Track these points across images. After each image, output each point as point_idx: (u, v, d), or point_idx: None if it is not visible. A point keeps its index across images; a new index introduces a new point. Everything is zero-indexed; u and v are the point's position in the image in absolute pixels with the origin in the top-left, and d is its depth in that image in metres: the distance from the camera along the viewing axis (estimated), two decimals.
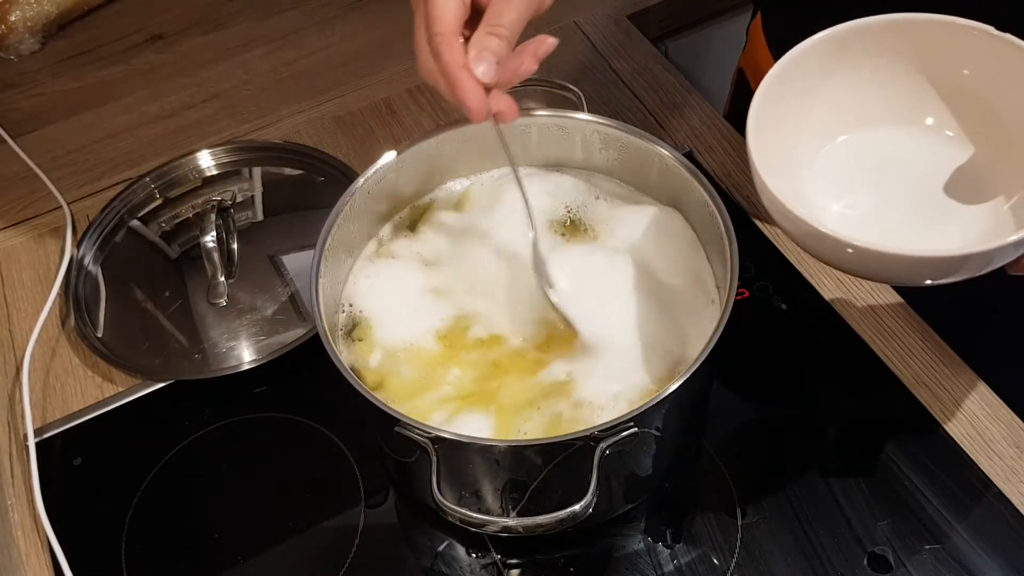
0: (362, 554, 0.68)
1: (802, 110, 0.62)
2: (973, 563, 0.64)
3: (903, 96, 0.62)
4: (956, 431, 0.70)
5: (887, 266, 0.54)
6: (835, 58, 0.61)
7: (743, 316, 0.76)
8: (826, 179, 0.63)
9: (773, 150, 0.58)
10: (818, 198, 0.62)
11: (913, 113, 0.63)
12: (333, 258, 0.67)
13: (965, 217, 0.60)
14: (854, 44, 0.60)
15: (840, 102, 0.63)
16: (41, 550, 0.70)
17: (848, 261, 0.55)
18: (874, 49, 0.61)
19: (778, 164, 0.59)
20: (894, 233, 0.60)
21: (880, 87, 0.62)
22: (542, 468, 0.59)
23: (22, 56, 1.07)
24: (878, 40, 0.61)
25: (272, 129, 0.97)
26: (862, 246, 0.52)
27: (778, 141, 0.60)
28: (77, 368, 0.80)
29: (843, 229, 0.54)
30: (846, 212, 0.62)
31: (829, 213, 0.62)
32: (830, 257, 0.56)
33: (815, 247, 0.56)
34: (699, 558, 0.66)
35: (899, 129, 0.64)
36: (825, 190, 0.63)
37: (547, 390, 0.63)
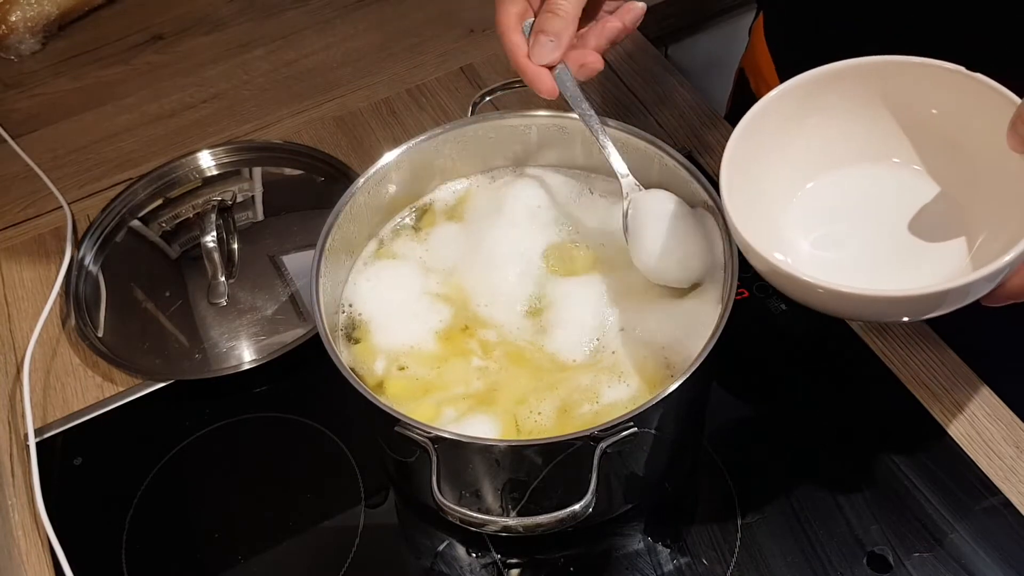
0: (362, 554, 0.68)
1: (776, 153, 0.62)
2: (972, 563, 0.64)
3: (874, 137, 0.63)
4: (956, 431, 0.70)
5: (860, 306, 0.55)
6: (807, 102, 0.61)
7: (743, 316, 0.76)
8: (800, 220, 0.64)
9: (748, 194, 0.59)
10: (792, 239, 0.63)
11: (883, 153, 0.63)
12: (333, 258, 0.67)
13: (937, 253, 0.60)
14: (826, 88, 0.61)
15: (813, 144, 0.64)
16: (41, 550, 0.70)
17: (822, 302, 0.55)
18: (846, 92, 0.61)
19: (754, 209, 0.59)
20: (867, 272, 0.60)
21: (853, 128, 0.63)
22: (542, 468, 0.59)
23: (22, 56, 1.07)
24: (849, 83, 0.61)
25: (272, 129, 0.97)
26: (833, 289, 0.53)
27: (753, 185, 0.61)
28: (77, 368, 0.80)
29: (817, 271, 0.55)
30: (818, 253, 0.62)
31: (802, 253, 0.62)
32: (805, 298, 0.56)
33: (789, 289, 0.56)
34: (699, 558, 0.66)
35: (870, 169, 0.64)
36: (799, 231, 0.63)
37: (549, 387, 0.64)
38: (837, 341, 0.75)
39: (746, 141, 0.60)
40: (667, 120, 0.93)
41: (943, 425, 0.70)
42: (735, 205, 0.57)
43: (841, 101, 0.62)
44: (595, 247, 0.71)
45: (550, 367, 0.65)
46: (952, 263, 0.59)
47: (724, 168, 0.58)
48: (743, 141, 0.60)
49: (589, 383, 0.63)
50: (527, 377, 0.64)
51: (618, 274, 0.69)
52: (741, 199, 0.58)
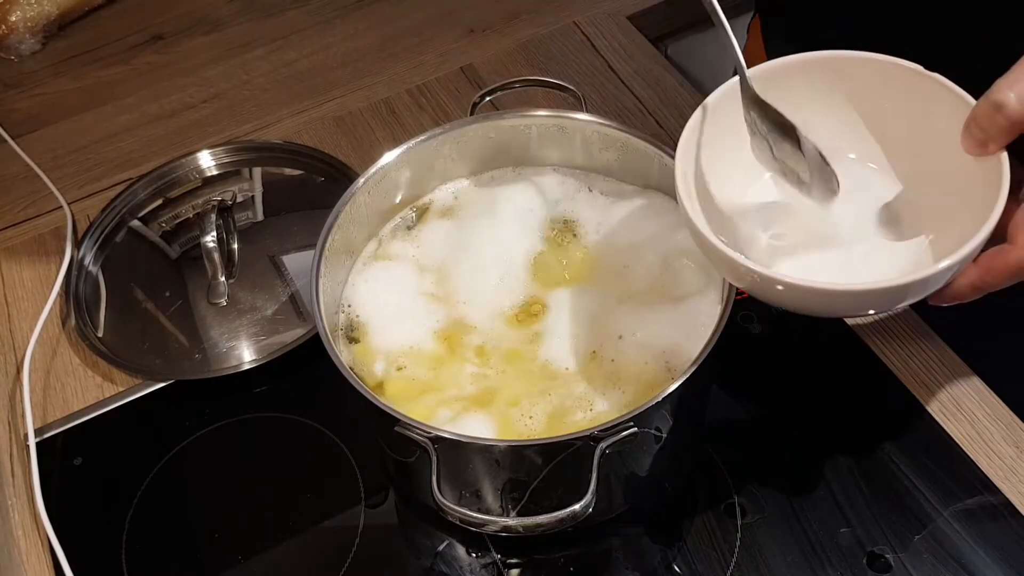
0: (362, 554, 0.68)
1: (732, 144, 0.62)
2: (972, 563, 0.64)
3: (834, 131, 0.63)
4: (955, 431, 0.70)
5: (813, 300, 0.55)
6: (767, 93, 0.61)
7: (743, 316, 0.76)
8: (756, 212, 0.64)
9: (705, 185, 0.59)
10: (750, 232, 0.63)
11: (842, 147, 0.63)
12: (333, 258, 0.67)
13: (890, 250, 0.61)
14: (786, 78, 0.61)
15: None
16: (41, 550, 0.70)
17: (778, 297, 0.56)
18: (806, 84, 0.61)
19: (711, 200, 0.59)
20: (823, 268, 0.60)
21: (813, 121, 0.63)
22: (542, 468, 0.59)
23: (22, 56, 1.07)
24: (809, 76, 0.61)
25: (272, 129, 0.97)
26: (791, 282, 0.53)
27: (711, 175, 0.61)
28: (77, 368, 0.80)
29: (770, 264, 0.54)
30: (774, 243, 0.62)
31: (760, 247, 0.62)
32: (759, 293, 0.56)
33: (741, 282, 0.56)
34: (699, 558, 0.66)
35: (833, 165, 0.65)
36: (755, 224, 0.63)
37: (548, 385, 0.64)
38: (837, 341, 0.75)
39: (704, 128, 0.60)
40: (667, 120, 0.93)
41: (943, 425, 0.70)
42: (690, 195, 0.57)
43: (801, 93, 0.61)
44: (593, 247, 0.71)
45: (543, 374, 0.65)
46: (906, 260, 0.60)
47: (679, 158, 0.58)
48: (699, 128, 0.59)
49: (583, 392, 0.63)
50: (521, 380, 0.64)
51: (616, 278, 0.69)
52: (698, 190, 0.58)
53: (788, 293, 0.54)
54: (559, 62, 0.99)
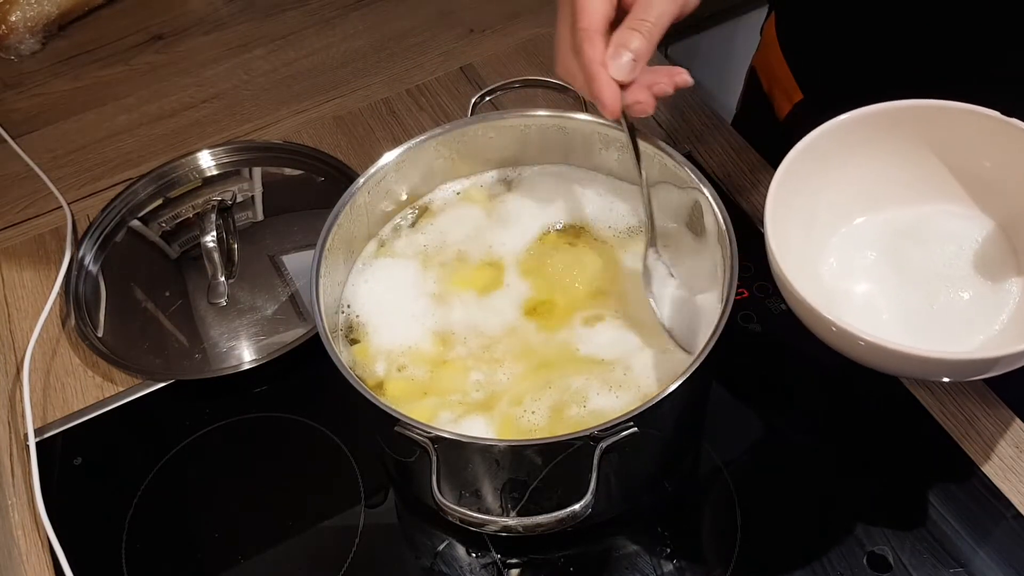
0: (362, 554, 0.68)
1: (817, 192, 0.63)
2: (972, 563, 0.64)
3: (917, 178, 0.63)
4: (955, 431, 0.70)
5: (907, 364, 0.55)
6: (847, 142, 0.62)
7: (743, 316, 0.76)
8: (841, 261, 0.64)
9: (790, 233, 0.60)
10: (836, 281, 0.63)
11: (927, 195, 0.64)
12: (333, 258, 0.67)
13: (990, 304, 0.61)
14: (865, 129, 0.62)
15: (854, 184, 0.65)
16: (41, 550, 0.70)
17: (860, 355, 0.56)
18: (886, 134, 0.63)
19: (794, 247, 0.59)
20: (913, 323, 0.61)
21: (894, 170, 0.64)
22: (542, 468, 0.59)
23: (22, 56, 1.07)
24: (888, 125, 0.62)
25: (272, 129, 0.97)
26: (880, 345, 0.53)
27: (795, 222, 0.61)
28: (77, 368, 0.80)
29: (861, 319, 0.55)
30: (861, 299, 0.63)
31: (852, 297, 0.63)
32: (848, 351, 0.56)
33: (832, 339, 0.57)
34: (699, 558, 0.66)
35: (914, 210, 0.65)
36: (843, 273, 0.64)
37: (547, 385, 0.64)
38: None
39: (789, 178, 0.60)
40: (667, 120, 0.93)
41: (943, 425, 0.70)
42: (779, 243, 0.57)
43: (881, 143, 0.62)
44: (593, 247, 0.71)
45: (543, 371, 0.65)
46: (998, 312, 0.60)
47: (768, 206, 0.59)
48: (786, 178, 0.60)
49: (580, 386, 0.63)
50: (522, 380, 0.64)
51: (616, 277, 0.69)
52: (783, 237, 0.58)
53: (883, 356, 0.54)
54: None
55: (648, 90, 0.61)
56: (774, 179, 0.60)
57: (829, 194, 0.64)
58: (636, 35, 0.59)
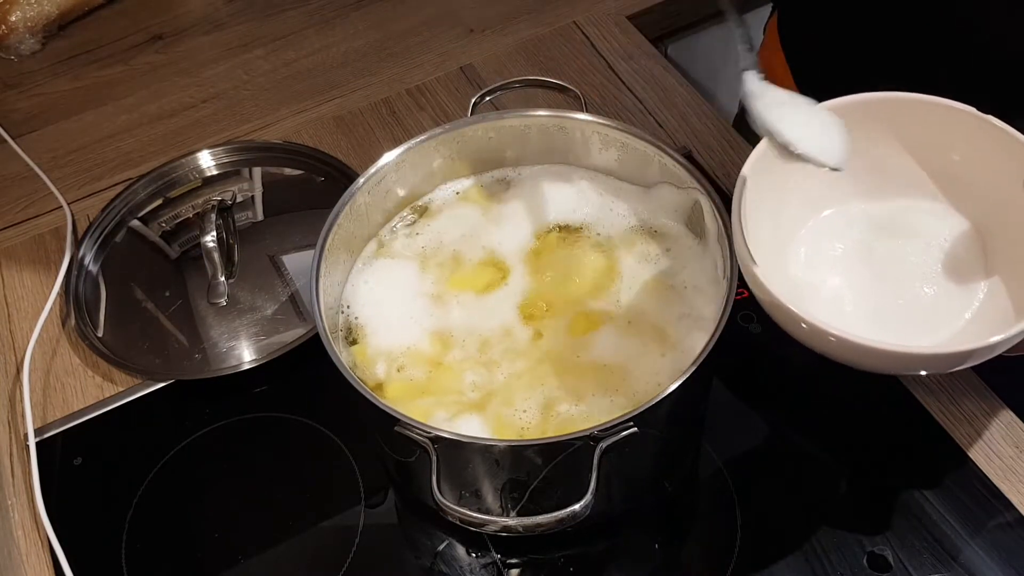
0: (362, 554, 0.68)
1: (788, 184, 0.62)
2: (972, 563, 0.64)
3: (889, 172, 0.63)
4: (955, 431, 0.70)
5: (882, 361, 0.54)
6: None
7: (743, 316, 0.76)
8: (811, 254, 0.64)
9: (759, 225, 0.59)
10: (804, 274, 0.63)
11: (897, 189, 0.63)
12: (333, 258, 0.67)
13: (956, 299, 0.60)
14: (844, 118, 0.61)
15: (827, 176, 0.63)
16: (41, 550, 0.70)
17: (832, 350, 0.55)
18: (860, 126, 0.61)
19: (764, 240, 0.59)
20: (881, 315, 0.60)
21: (867, 163, 0.63)
22: (542, 468, 0.59)
23: (22, 56, 1.07)
24: (862, 117, 0.61)
25: (272, 129, 0.97)
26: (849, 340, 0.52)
27: (765, 216, 0.61)
28: (77, 368, 0.80)
29: (828, 313, 0.54)
30: (837, 293, 0.62)
31: (820, 291, 0.62)
32: (818, 346, 0.56)
33: (802, 336, 0.56)
34: (699, 558, 0.66)
35: (887, 205, 0.64)
36: (812, 266, 0.63)
37: (544, 385, 0.64)
38: None
39: (759, 169, 0.60)
40: (667, 120, 0.93)
41: (943, 425, 0.70)
42: (749, 237, 0.57)
43: (854, 135, 0.62)
44: (593, 246, 0.71)
45: (542, 369, 0.65)
46: (965, 308, 0.59)
47: (736, 199, 0.58)
48: (756, 169, 0.59)
49: (574, 385, 0.63)
50: (521, 379, 0.64)
51: (616, 276, 0.69)
52: (753, 231, 0.58)
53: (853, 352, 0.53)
54: (559, 62, 0.99)
55: None
56: (743, 170, 0.59)
57: (799, 185, 0.63)
58: None
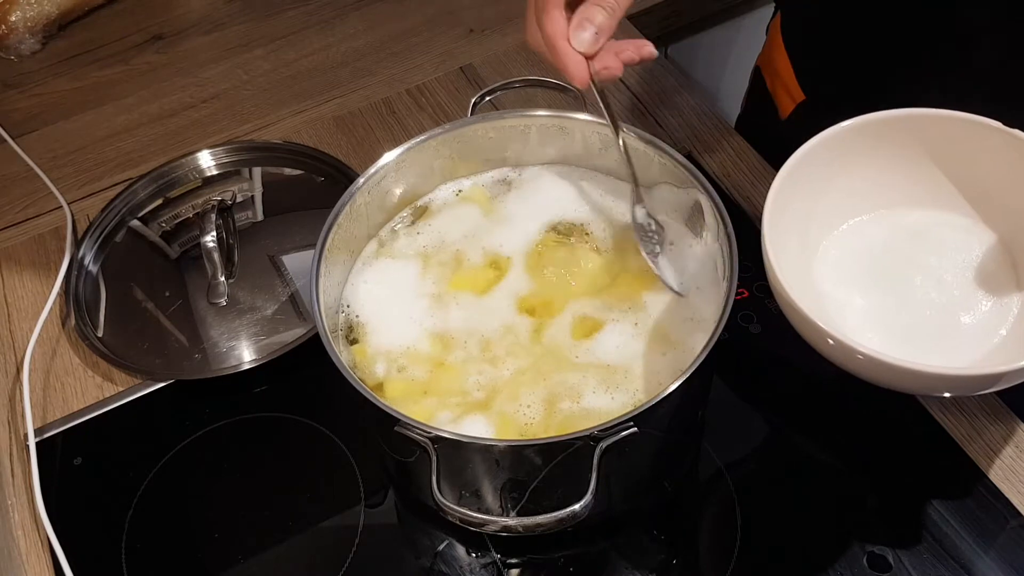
0: (362, 554, 0.68)
1: (816, 198, 0.63)
2: (972, 563, 0.64)
3: (917, 185, 0.63)
4: (956, 431, 0.70)
5: (913, 381, 0.54)
6: (847, 149, 0.62)
7: (743, 316, 0.76)
8: (840, 267, 0.64)
9: (786, 239, 0.59)
10: (831, 288, 0.63)
11: (926, 201, 0.63)
12: (333, 258, 0.67)
13: (986, 320, 0.60)
14: (865, 136, 0.62)
15: (856, 191, 0.64)
16: (41, 550, 0.70)
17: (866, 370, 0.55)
18: (886, 141, 0.62)
19: (790, 255, 0.59)
20: (909, 332, 0.60)
21: (894, 177, 0.63)
22: (542, 468, 0.59)
23: (22, 56, 1.07)
24: (889, 133, 0.62)
25: (272, 129, 0.97)
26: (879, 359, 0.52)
27: (791, 230, 0.61)
28: (77, 368, 0.80)
29: (858, 327, 0.55)
30: (864, 309, 0.62)
31: (845, 306, 0.62)
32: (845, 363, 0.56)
33: (828, 351, 0.56)
34: (699, 558, 0.66)
35: (911, 216, 0.65)
36: (839, 280, 0.63)
37: (542, 379, 0.64)
38: None
39: (788, 185, 0.60)
40: (667, 120, 0.93)
41: (943, 425, 0.70)
42: (776, 252, 0.57)
43: (881, 150, 0.62)
44: (593, 246, 0.71)
45: (541, 369, 0.65)
46: (998, 324, 0.59)
47: (767, 214, 0.58)
48: (785, 185, 0.60)
49: (576, 382, 0.63)
50: (520, 379, 0.64)
51: (616, 276, 0.69)
52: (780, 245, 0.58)
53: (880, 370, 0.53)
54: None
55: (615, 56, 0.63)
56: (773, 186, 0.59)
57: (827, 201, 0.64)
58: (599, 10, 0.62)
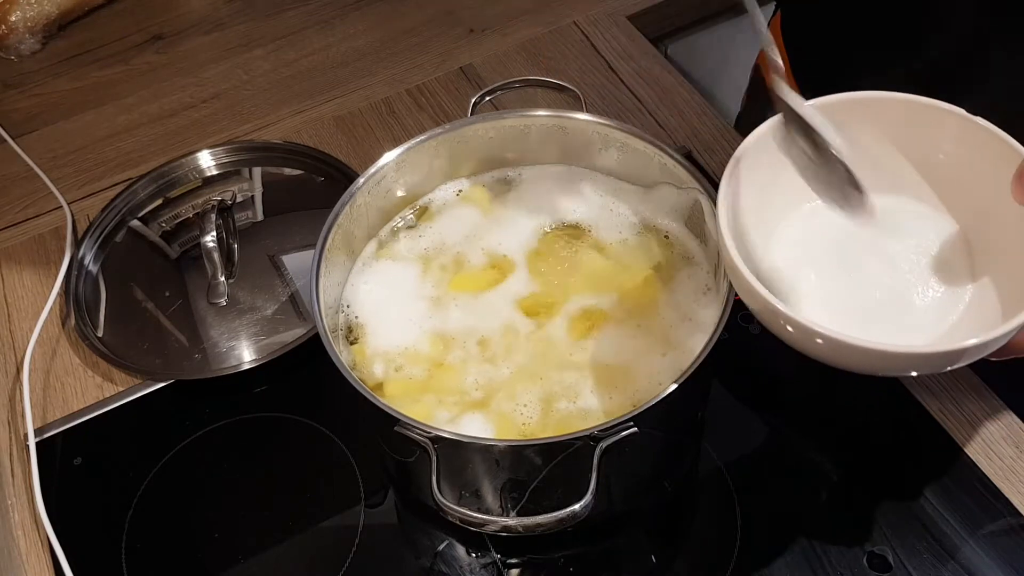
0: (362, 554, 0.68)
1: (774, 179, 0.62)
2: (972, 563, 0.64)
3: (879, 170, 0.62)
4: (956, 431, 0.70)
5: (870, 360, 0.53)
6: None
7: (743, 316, 0.76)
8: (795, 247, 0.63)
9: (743, 222, 0.59)
10: (787, 269, 0.62)
11: (886, 186, 0.63)
12: (333, 258, 0.67)
13: (943, 300, 0.60)
14: (832, 116, 0.61)
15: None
16: (41, 550, 0.70)
17: (818, 351, 0.54)
18: (849, 124, 0.61)
19: (748, 234, 0.58)
20: (865, 314, 0.60)
21: (855, 159, 0.62)
22: (542, 468, 0.59)
23: (22, 56, 1.07)
24: (851, 116, 0.61)
25: (272, 129, 0.97)
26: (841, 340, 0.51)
27: (750, 212, 0.60)
28: (77, 368, 0.80)
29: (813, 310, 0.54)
30: (820, 287, 0.61)
31: (803, 288, 0.61)
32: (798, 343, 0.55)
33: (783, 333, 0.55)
34: (699, 558, 0.66)
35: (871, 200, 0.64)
36: (795, 261, 0.62)
37: (543, 379, 0.64)
38: None
39: (745, 165, 0.59)
40: (667, 120, 0.93)
41: (943, 425, 0.70)
42: (732, 235, 0.56)
43: (843, 133, 0.61)
44: (593, 247, 0.71)
45: (540, 369, 0.65)
46: (951, 310, 0.59)
47: (721, 198, 0.57)
48: (742, 164, 0.59)
49: (573, 382, 0.63)
50: (520, 378, 0.64)
51: (616, 276, 0.69)
52: (736, 224, 0.57)
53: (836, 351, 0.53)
54: (559, 62, 0.99)
55: None
56: (727, 169, 0.58)
57: (786, 182, 0.63)
58: None
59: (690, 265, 0.69)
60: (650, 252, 0.70)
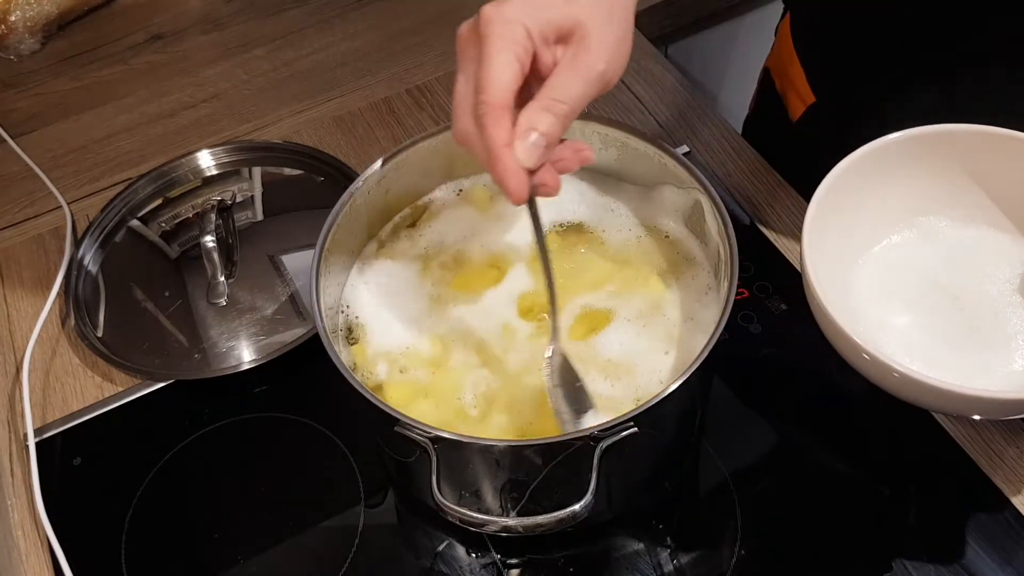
0: (362, 554, 0.68)
1: (856, 211, 0.63)
2: (973, 564, 0.64)
3: (958, 201, 0.63)
4: (956, 432, 0.70)
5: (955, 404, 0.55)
6: (883, 166, 0.62)
7: (743, 316, 0.76)
8: (881, 280, 0.64)
9: (824, 251, 0.59)
10: (870, 303, 0.63)
11: (972, 220, 0.63)
12: (333, 258, 0.67)
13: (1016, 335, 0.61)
14: (902, 152, 0.62)
15: (897, 205, 0.64)
16: (41, 550, 0.70)
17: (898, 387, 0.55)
18: (923, 158, 0.62)
19: (828, 266, 0.59)
20: (949, 351, 0.60)
21: (937, 192, 0.63)
22: (542, 468, 0.59)
23: (22, 56, 1.07)
24: (926, 149, 0.62)
25: (272, 129, 0.97)
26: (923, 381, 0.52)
27: (830, 243, 0.61)
28: (77, 368, 0.80)
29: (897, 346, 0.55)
30: (894, 322, 0.62)
31: (886, 321, 0.62)
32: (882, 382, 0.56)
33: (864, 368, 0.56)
34: (699, 558, 0.66)
35: (956, 234, 0.65)
36: (879, 292, 0.63)
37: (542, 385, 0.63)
38: None
39: (828, 200, 0.60)
40: (667, 120, 0.93)
41: (944, 425, 0.70)
42: (815, 265, 0.57)
43: (921, 165, 0.62)
44: (593, 246, 0.71)
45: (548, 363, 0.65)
46: None
47: (807, 230, 0.58)
48: (826, 199, 0.60)
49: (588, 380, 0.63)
50: (520, 378, 0.64)
51: (617, 276, 0.69)
52: (819, 257, 0.58)
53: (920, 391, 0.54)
54: None
55: (552, 170, 0.54)
56: (813, 199, 0.60)
57: (865, 216, 0.63)
58: (548, 116, 0.52)
59: (691, 265, 0.69)
60: (650, 252, 0.70)
